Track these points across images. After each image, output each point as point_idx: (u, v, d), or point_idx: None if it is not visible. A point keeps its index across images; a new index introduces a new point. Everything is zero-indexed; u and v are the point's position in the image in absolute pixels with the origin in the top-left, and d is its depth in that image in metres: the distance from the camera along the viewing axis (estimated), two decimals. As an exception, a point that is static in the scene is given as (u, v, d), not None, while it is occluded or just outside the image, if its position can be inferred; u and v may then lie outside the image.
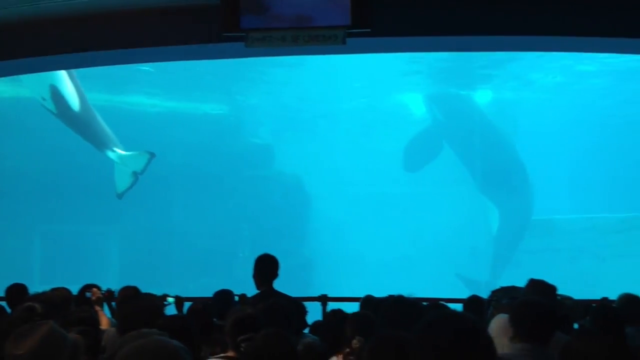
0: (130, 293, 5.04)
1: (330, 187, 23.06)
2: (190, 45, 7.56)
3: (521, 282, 5.74)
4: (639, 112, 22.16)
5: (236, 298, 6.15)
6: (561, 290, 5.73)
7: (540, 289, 4.72)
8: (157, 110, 22.30)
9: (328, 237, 22.43)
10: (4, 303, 5.65)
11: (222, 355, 3.86)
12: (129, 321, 3.91)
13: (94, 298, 5.47)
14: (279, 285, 5.61)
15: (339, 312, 4.48)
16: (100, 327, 4.62)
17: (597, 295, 7.27)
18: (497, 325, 4.18)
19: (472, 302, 5.48)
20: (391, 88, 23.13)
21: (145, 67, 18.80)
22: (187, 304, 5.46)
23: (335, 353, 4.11)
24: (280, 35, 6.52)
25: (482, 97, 23.28)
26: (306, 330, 5.01)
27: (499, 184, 21.73)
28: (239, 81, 22.14)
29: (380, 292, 5.32)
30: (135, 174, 17.45)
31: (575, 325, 5.11)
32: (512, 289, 4.95)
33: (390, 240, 22.25)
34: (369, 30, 6.64)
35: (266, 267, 5.49)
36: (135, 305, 4.28)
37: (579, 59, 19.08)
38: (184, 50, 7.93)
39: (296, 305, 4.80)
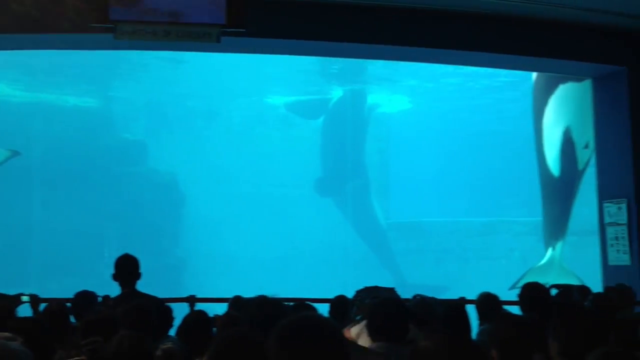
0: None
1: (206, 186, 22.75)
2: (58, 34, 7.23)
3: (387, 282, 5.94)
4: (501, 122, 23.47)
5: (100, 299, 5.94)
6: (426, 290, 6.00)
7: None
8: (20, 100, 21.06)
9: (202, 236, 22.12)
10: None
11: (76, 359, 3.71)
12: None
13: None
14: (149, 286, 5.45)
15: (202, 314, 4.44)
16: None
17: (458, 295, 7.65)
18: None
19: (338, 302, 5.62)
20: (271, 89, 23.15)
21: (9, 54, 17.70)
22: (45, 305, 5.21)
23: (198, 355, 4.07)
24: (152, 29, 6.38)
25: (371, 100, 23.74)
26: (172, 332, 4.91)
27: (341, 188, 22.61)
28: (113, 74, 21.31)
29: (253, 293, 5.32)
30: None
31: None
32: (374, 289, 5.11)
33: (264, 241, 22.28)
34: (243, 30, 6.64)
35: (126, 268, 5.33)
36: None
37: (451, 68, 19.82)
38: (52, 39, 7.58)
39: (160, 307, 4.71)
